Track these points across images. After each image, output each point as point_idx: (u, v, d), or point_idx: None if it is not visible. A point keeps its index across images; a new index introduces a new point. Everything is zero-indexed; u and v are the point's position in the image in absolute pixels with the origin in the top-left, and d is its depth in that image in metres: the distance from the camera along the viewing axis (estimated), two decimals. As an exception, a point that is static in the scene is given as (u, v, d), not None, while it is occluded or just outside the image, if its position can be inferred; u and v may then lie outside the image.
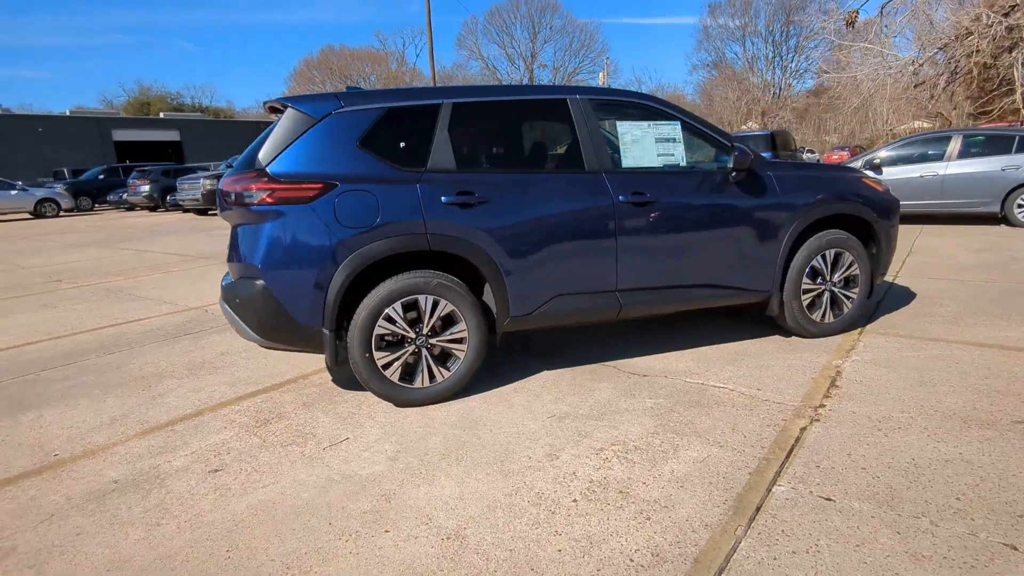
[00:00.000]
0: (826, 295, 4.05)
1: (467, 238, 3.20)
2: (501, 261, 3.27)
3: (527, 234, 3.31)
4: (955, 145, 8.48)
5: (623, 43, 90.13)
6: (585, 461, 2.63)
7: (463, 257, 3.22)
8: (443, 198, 3.16)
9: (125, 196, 23.01)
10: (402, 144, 3.23)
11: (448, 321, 3.29)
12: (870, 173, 8.73)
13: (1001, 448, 2.53)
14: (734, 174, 3.66)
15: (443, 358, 3.33)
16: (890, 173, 8.82)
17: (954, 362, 3.52)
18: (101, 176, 26.73)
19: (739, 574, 1.89)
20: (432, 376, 3.29)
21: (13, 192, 22.82)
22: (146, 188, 22.00)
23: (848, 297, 4.10)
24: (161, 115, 46.46)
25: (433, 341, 3.27)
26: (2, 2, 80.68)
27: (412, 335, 3.22)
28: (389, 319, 3.15)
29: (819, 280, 4.02)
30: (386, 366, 3.20)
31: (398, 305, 3.15)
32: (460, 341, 3.31)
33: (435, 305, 3.22)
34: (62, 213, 23.34)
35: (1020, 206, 8.28)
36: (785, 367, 3.60)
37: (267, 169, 3.07)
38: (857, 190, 4.06)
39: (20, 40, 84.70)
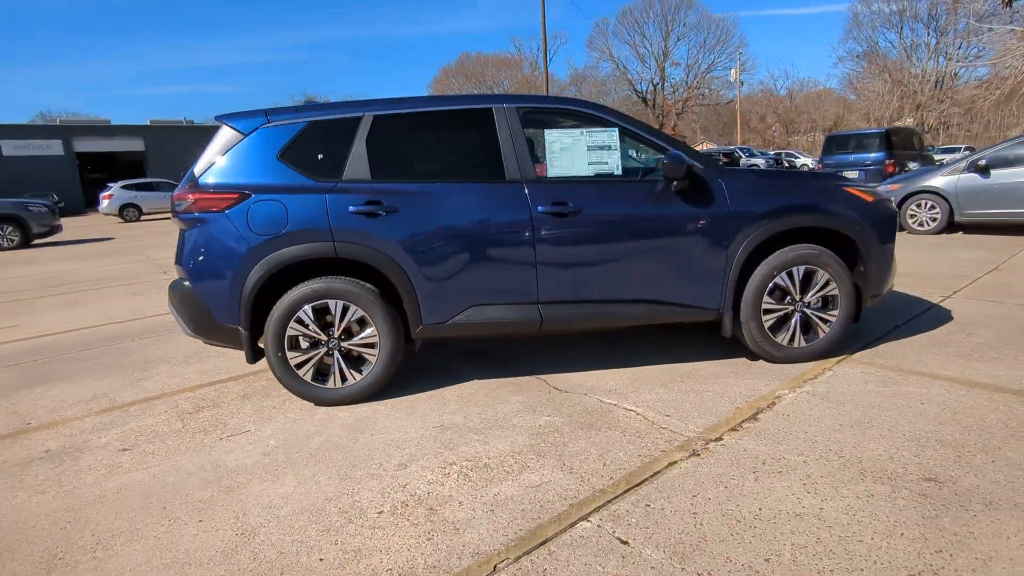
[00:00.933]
0: (795, 317, 3.62)
1: (373, 246, 3.29)
2: (410, 269, 3.32)
3: (438, 243, 3.33)
4: (1086, 142, 7.06)
5: (762, 36, 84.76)
6: (426, 474, 2.62)
7: (371, 264, 3.32)
8: (350, 207, 3.28)
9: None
10: (320, 156, 3.39)
11: (362, 326, 3.40)
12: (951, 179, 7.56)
13: (875, 508, 2.16)
14: (674, 184, 3.40)
15: (359, 361, 3.45)
16: (1000, 176, 7.53)
17: (920, 402, 3.01)
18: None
19: (460, 607, 1.81)
20: (344, 378, 3.42)
21: (179, 193, 26.50)
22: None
23: (825, 320, 3.64)
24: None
25: (345, 344, 3.40)
26: (201, 29, 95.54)
27: (324, 338, 3.37)
28: (300, 321, 3.33)
29: (787, 300, 3.61)
30: (299, 365, 3.38)
31: (309, 308, 3.32)
32: (372, 346, 3.41)
33: (345, 310, 3.34)
34: (216, 212, 26.61)
35: None
36: (718, 393, 3.29)
37: (199, 181, 3.37)
38: (831, 200, 3.58)
39: (215, 60, 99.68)
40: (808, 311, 3.62)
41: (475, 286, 3.40)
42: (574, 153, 3.48)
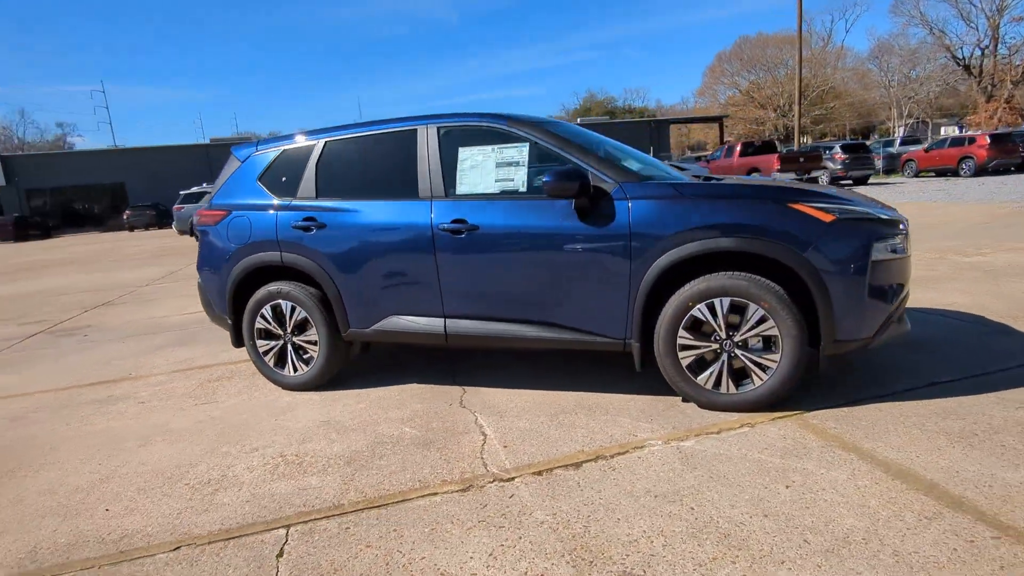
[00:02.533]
0: (722, 357, 3.03)
1: (307, 256, 3.75)
2: (336, 278, 3.71)
3: (357, 256, 3.64)
4: None
5: None
6: (256, 460, 3.01)
7: (307, 272, 3.79)
8: (292, 223, 3.79)
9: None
10: (284, 178, 3.96)
11: (309, 325, 3.90)
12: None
13: (518, 587, 1.89)
14: (573, 201, 3.14)
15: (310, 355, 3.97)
16: None
17: (785, 485, 2.34)
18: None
19: None
20: (295, 368, 3.98)
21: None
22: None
23: (762, 366, 2.96)
24: (579, 120, 53.45)
25: (295, 340, 3.95)
26: (511, 39, 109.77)
27: (280, 332, 3.97)
28: (263, 317, 3.98)
29: (714, 336, 3.04)
30: (265, 353, 4.05)
31: (268, 307, 3.95)
32: (315, 343, 3.89)
33: (293, 310, 3.89)
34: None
35: None
36: (591, 431, 2.98)
37: (211, 200, 4.24)
38: (765, 219, 2.87)
39: (517, 67, 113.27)
40: (740, 352, 3.00)
41: (390, 297, 3.63)
42: (483, 170, 3.45)
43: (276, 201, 3.92)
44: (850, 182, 20.52)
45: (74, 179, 39.64)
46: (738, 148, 20.58)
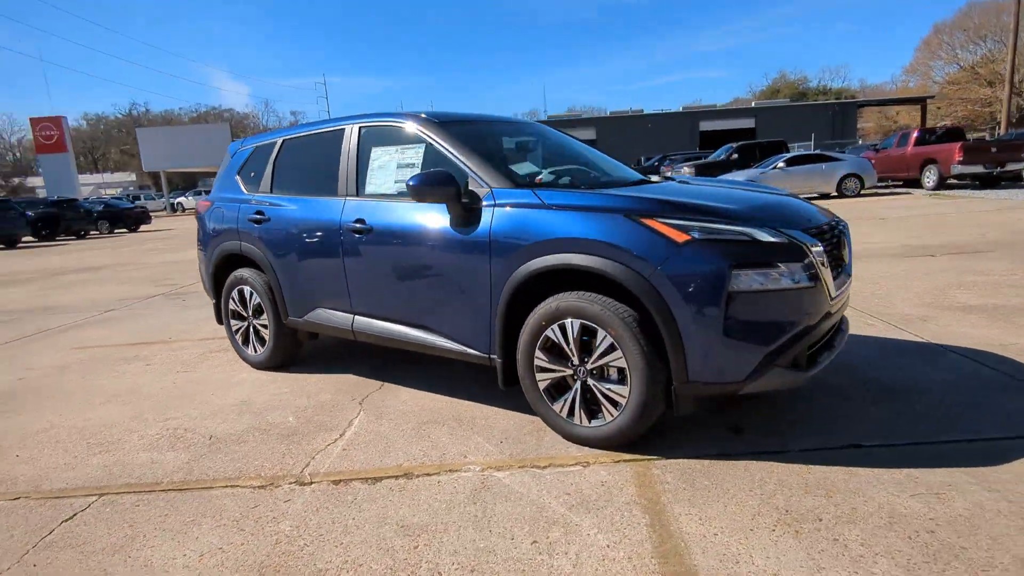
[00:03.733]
0: (576, 385, 2.71)
1: (256, 247, 4.02)
2: (276, 268, 3.93)
3: (289, 249, 3.82)
4: None
5: None
6: (153, 432, 3.33)
7: (257, 262, 4.06)
8: (248, 215, 4.08)
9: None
10: (252, 174, 4.26)
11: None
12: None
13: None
14: (447, 206, 3.00)
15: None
16: None
17: (535, 542, 2.05)
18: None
19: None
20: (255, 349, 4.31)
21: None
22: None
23: (612, 400, 2.60)
24: (753, 104, 49.54)
25: (254, 322, 4.27)
26: (704, 16, 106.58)
27: (245, 314, 4.32)
28: (233, 300, 4.35)
29: (569, 362, 2.73)
30: (236, 332, 4.43)
31: (235, 291, 4.31)
32: (267, 327, 4.18)
33: (251, 295, 4.20)
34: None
35: None
36: (432, 447, 2.85)
37: (213, 191, 4.71)
38: (611, 234, 2.46)
39: (708, 47, 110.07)
40: (592, 382, 2.66)
41: (316, 290, 3.76)
42: (387, 171, 3.41)
43: (243, 195, 4.25)
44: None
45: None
46: (913, 136, 17.51)
